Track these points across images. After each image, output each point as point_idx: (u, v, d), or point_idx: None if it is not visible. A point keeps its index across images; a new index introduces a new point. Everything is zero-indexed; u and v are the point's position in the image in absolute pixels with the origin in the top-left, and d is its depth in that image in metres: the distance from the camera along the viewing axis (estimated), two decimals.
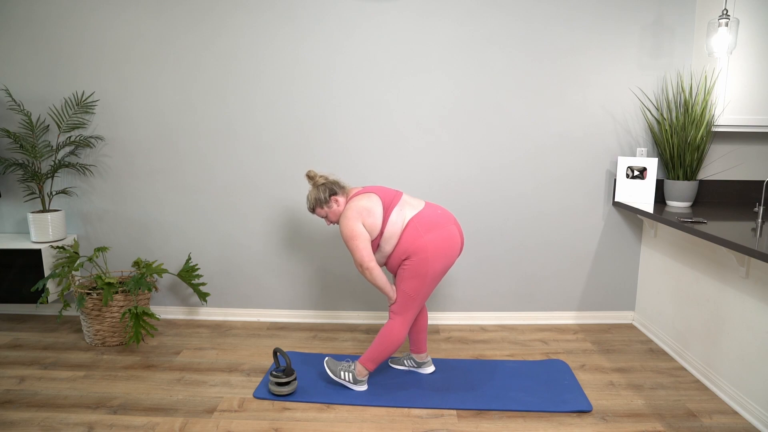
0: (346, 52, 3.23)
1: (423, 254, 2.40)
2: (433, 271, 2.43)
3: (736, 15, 2.88)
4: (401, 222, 2.45)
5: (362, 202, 2.46)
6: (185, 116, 3.32)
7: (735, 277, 2.49)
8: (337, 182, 2.57)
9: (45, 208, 3.31)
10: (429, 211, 2.49)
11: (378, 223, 2.43)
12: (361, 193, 2.53)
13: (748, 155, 3.30)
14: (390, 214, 2.44)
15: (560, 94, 3.26)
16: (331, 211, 2.56)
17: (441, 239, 2.42)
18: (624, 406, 2.49)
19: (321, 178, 2.57)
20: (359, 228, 2.42)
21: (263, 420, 2.37)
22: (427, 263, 2.41)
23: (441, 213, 2.51)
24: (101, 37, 3.25)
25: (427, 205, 2.53)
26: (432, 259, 2.41)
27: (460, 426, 2.33)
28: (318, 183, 2.56)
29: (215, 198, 3.41)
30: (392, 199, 2.48)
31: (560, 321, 3.51)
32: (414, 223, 2.44)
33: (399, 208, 2.47)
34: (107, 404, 2.48)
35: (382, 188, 2.55)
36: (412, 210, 2.48)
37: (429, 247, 2.40)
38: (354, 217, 2.43)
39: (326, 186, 2.54)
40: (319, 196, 2.53)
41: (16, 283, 3.21)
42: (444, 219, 2.48)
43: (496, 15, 3.18)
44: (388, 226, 2.44)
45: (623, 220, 3.40)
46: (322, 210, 2.56)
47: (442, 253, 2.43)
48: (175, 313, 3.57)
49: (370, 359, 2.54)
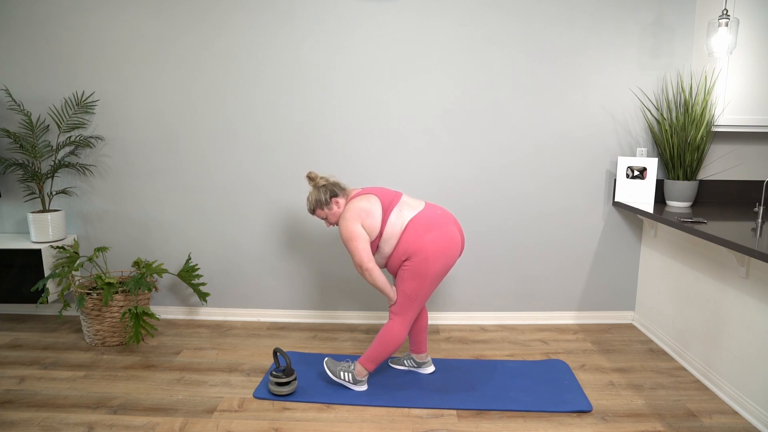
0: (346, 53, 3.23)
1: (423, 255, 2.39)
2: (434, 271, 2.42)
3: (736, 15, 2.88)
4: (401, 223, 2.44)
5: (361, 204, 2.45)
6: (185, 116, 3.32)
7: (735, 277, 2.49)
8: (338, 184, 2.57)
9: (45, 208, 3.31)
10: (429, 212, 2.48)
11: (377, 225, 2.43)
12: (360, 195, 2.52)
13: (748, 155, 3.30)
14: (389, 215, 2.44)
15: (560, 95, 3.26)
16: (331, 213, 2.55)
17: (441, 239, 2.41)
18: (624, 406, 2.49)
19: (322, 180, 2.56)
20: (358, 229, 2.42)
21: (263, 420, 2.37)
22: (427, 263, 2.40)
23: (441, 213, 2.50)
24: (101, 37, 3.26)
25: (427, 206, 2.52)
26: (432, 260, 2.40)
27: (460, 426, 2.33)
28: (319, 184, 2.55)
29: (215, 198, 3.41)
30: (391, 201, 2.48)
31: (560, 321, 3.51)
32: (413, 224, 2.43)
33: (398, 209, 2.46)
34: (107, 404, 2.48)
35: (381, 189, 2.55)
36: (412, 211, 2.47)
37: (429, 247, 2.39)
38: (353, 218, 2.43)
39: (327, 187, 2.53)
40: (320, 197, 2.52)
41: (16, 283, 3.21)
42: (444, 219, 2.47)
43: (496, 15, 3.18)
44: (387, 227, 2.43)
45: (623, 220, 3.40)
46: (322, 212, 2.55)
47: (442, 253, 2.42)
48: (175, 313, 3.57)
49: (369, 359, 2.54)
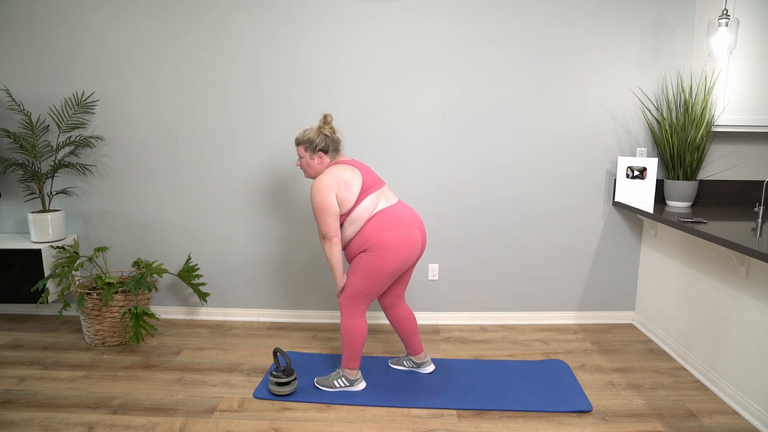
0: (346, 53, 3.23)
1: (381, 251, 2.37)
2: (389, 269, 2.40)
3: (736, 15, 2.88)
4: (371, 209, 2.39)
5: (344, 173, 2.38)
6: (185, 116, 3.32)
7: (735, 277, 2.49)
8: (338, 142, 2.47)
9: (45, 208, 3.31)
10: (399, 209, 2.45)
11: (351, 200, 2.36)
12: (346, 163, 2.44)
13: (748, 155, 3.30)
14: (365, 197, 2.39)
15: (560, 94, 3.26)
16: (311, 163, 2.45)
17: (402, 240, 2.39)
18: (624, 406, 2.49)
19: (329, 129, 2.45)
20: (332, 200, 2.34)
21: (263, 420, 2.36)
22: (384, 260, 2.38)
23: (410, 214, 2.47)
24: (101, 37, 3.26)
25: (399, 203, 2.50)
26: (389, 257, 2.38)
27: (460, 426, 2.33)
28: (323, 131, 2.44)
29: (215, 198, 3.41)
30: (373, 184, 2.43)
31: (560, 321, 3.51)
32: (381, 216, 2.39)
33: (375, 196, 2.41)
34: (107, 404, 2.48)
35: (369, 169, 2.48)
36: (386, 202, 2.44)
37: (389, 244, 2.37)
38: (329, 186, 2.34)
39: (325, 138, 2.43)
40: (313, 139, 2.42)
41: (16, 283, 3.21)
42: (410, 221, 2.45)
43: (496, 15, 3.18)
44: (358, 209, 2.38)
45: (623, 220, 3.40)
46: (304, 153, 2.44)
47: (401, 252, 2.39)
48: (175, 313, 3.57)
49: (347, 359, 2.56)
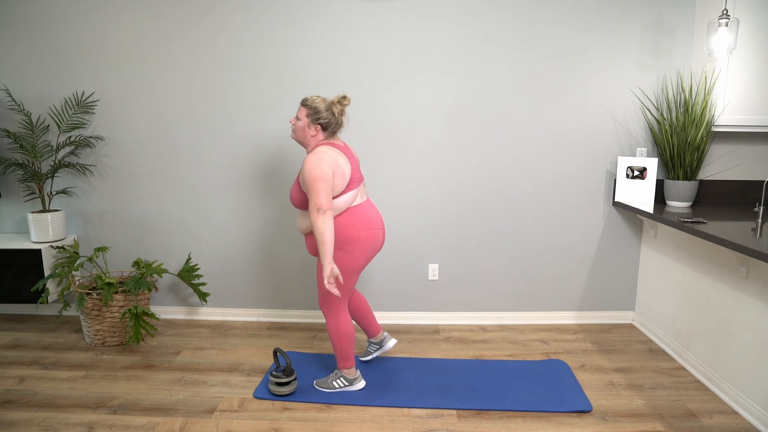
0: (346, 53, 3.23)
1: (351, 247, 2.42)
2: (358, 265, 2.46)
3: (736, 15, 2.88)
4: (349, 203, 2.42)
5: (340, 160, 2.36)
6: (185, 116, 3.32)
7: (735, 277, 2.49)
8: (340, 126, 2.45)
9: (45, 208, 3.31)
10: (370, 209, 2.50)
11: (339, 189, 2.36)
12: (340, 149, 2.41)
13: (748, 155, 3.30)
14: (349, 191, 2.41)
15: (560, 94, 3.26)
16: (305, 129, 2.41)
17: (369, 240, 2.45)
18: (624, 406, 2.49)
19: (338, 109, 2.41)
20: (329, 174, 2.30)
21: (263, 420, 2.36)
22: (354, 256, 2.43)
23: (377, 214, 2.53)
24: (101, 38, 3.26)
25: (368, 201, 2.54)
26: (359, 254, 2.44)
27: (460, 426, 2.33)
28: (333, 108, 2.41)
29: (215, 198, 3.41)
30: (357, 179, 2.45)
31: (560, 321, 3.51)
32: (356, 213, 2.42)
33: (356, 190, 2.45)
34: (107, 404, 2.48)
35: (356, 162, 2.49)
36: (361, 198, 2.49)
37: (359, 243, 2.43)
38: (329, 162, 2.31)
39: (330, 116, 2.40)
40: (321, 111, 2.38)
41: (16, 283, 3.21)
42: (378, 222, 2.51)
43: (496, 15, 3.18)
44: (338, 201, 2.39)
45: (623, 220, 3.40)
46: (304, 117, 2.39)
47: (368, 250, 2.46)
48: (175, 313, 3.56)
49: (341, 359, 2.58)
